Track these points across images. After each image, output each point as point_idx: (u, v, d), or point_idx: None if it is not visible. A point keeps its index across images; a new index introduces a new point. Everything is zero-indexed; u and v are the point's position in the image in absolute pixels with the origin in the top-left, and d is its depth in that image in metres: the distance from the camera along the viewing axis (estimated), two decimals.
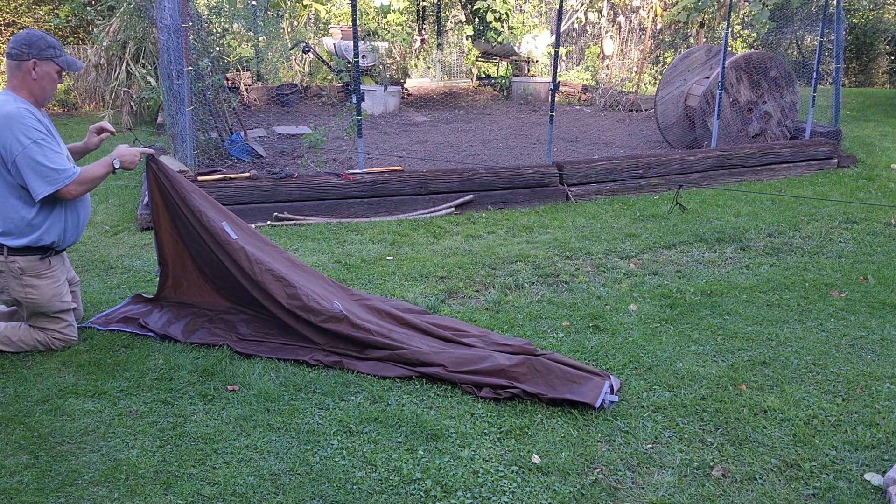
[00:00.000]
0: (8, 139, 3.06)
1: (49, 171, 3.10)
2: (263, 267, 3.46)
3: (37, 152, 3.07)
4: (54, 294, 3.28)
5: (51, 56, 3.17)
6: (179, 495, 2.34)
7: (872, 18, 16.02)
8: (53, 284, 3.28)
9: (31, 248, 3.20)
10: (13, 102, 3.11)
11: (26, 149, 3.06)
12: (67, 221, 3.28)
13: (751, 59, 7.57)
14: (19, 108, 3.09)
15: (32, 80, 3.16)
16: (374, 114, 10.69)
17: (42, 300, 3.24)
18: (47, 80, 3.19)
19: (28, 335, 3.29)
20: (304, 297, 3.38)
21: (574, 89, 12.94)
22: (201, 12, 8.02)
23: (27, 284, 3.21)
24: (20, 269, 3.19)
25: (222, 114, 7.29)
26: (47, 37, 3.19)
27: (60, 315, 3.31)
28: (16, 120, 3.06)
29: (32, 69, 3.14)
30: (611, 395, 2.91)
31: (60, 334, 3.32)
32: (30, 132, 3.07)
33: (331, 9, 14.07)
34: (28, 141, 3.06)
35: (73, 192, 3.19)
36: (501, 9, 12.48)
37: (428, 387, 3.05)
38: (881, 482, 2.37)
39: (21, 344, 3.28)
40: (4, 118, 3.06)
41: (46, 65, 3.16)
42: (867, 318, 3.76)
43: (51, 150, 3.12)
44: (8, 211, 3.16)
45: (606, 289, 4.22)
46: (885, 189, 6.67)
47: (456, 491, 2.36)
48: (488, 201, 6.16)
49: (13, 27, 12.09)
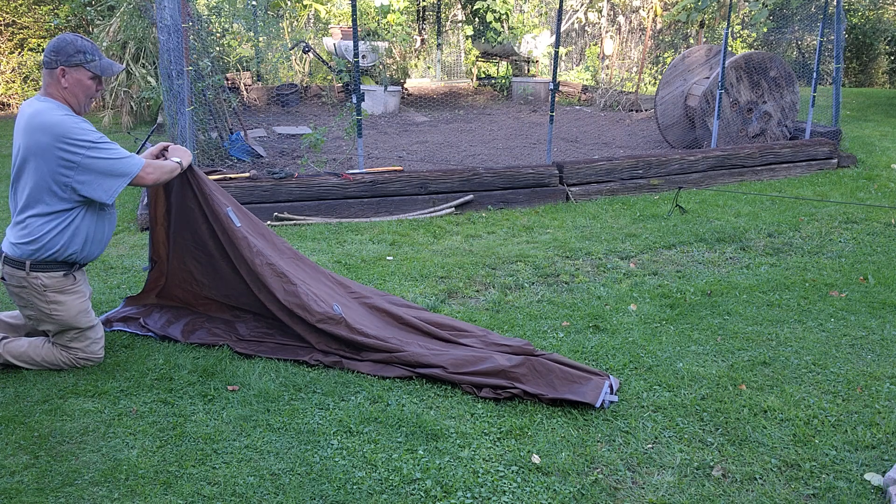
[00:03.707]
0: (63, 150, 2.90)
1: (118, 162, 2.98)
2: (265, 260, 3.40)
3: (99, 151, 2.95)
4: (80, 310, 3.13)
5: (80, 62, 2.98)
6: (179, 495, 2.34)
7: (872, 18, 16.03)
8: (79, 300, 3.13)
9: (53, 263, 3.04)
10: (57, 111, 2.96)
11: (88, 151, 2.92)
12: (90, 234, 3.11)
13: (751, 59, 7.57)
14: (63, 117, 2.94)
15: (63, 88, 3.00)
16: (374, 114, 10.69)
17: (68, 316, 3.08)
18: (79, 87, 3.01)
19: (52, 354, 3.12)
20: (304, 296, 3.35)
21: (574, 89, 12.95)
22: (201, 12, 8.02)
23: (52, 301, 3.05)
24: (43, 286, 3.03)
25: (222, 114, 7.28)
26: (79, 41, 3.01)
27: (86, 332, 3.15)
28: (63, 128, 2.90)
29: (62, 77, 2.98)
30: (610, 395, 2.91)
31: (85, 353, 3.15)
32: (84, 134, 2.93)
33: (331, 9, 14.07)
34: (88, 143, 2.93)
35: (148, 178, 3.07)
36: (501, 9, 12.48)
37: (428, 387, 3.05)
38: (881, 482, 2.38)
39: (44, 363, 3.12)
40: (50, 129, 2.90)
41: (76, 71, 2.99)
42: (867, 318, 3.76)
43: (112, 146, 3.00)
44: (31, 222, 3.00)
45: (606, 289, 4.22)
46: (885, 189, 6.67)
47: (456, 491, 2.36)
48: (488, 201, 6.16)
49: (13, 27, 12.09)
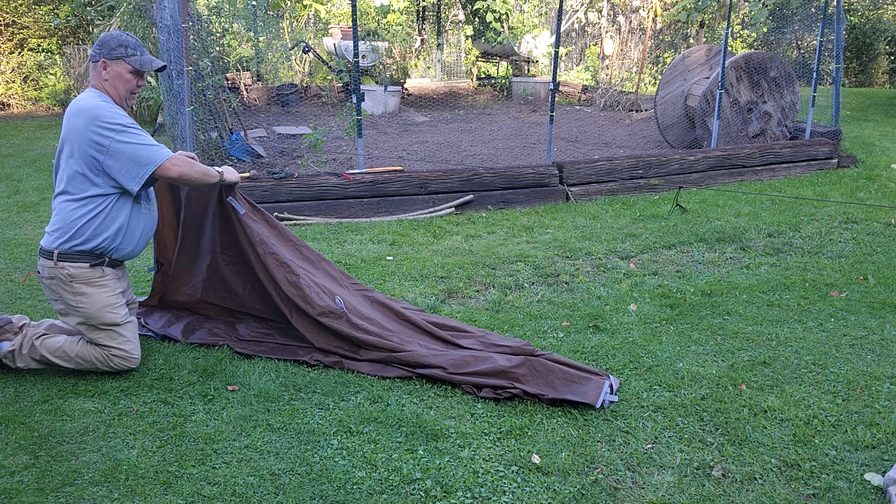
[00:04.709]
0: (94, 133, 2.95)
1: (145, 148, 3.00)
2: (267, 249, 3.38)
3: (128, 136, 2.98)
4: (106, 304, 3.07)
5: (121, 55, 3.06)
6: (179, 495, 2.34)
7: (872, 18, 16.03)
8: (106, 294, 3.08)
9: (81, 253, 3.03)
10: (95, 98, 3.04)
11: (118, 134, 2.97)
12: (123, 225, 3.08)
13: (751, 59, 7.57)
14: (99, 102, 3.02)
15: (104, 80, 3.08)
16: (374, 114, 10.69)
17: (92, 309, 3.04)
18: (119, 80, 3.08)
19: (86, 352, 3.08)
20: (306, 287, 3.32)
21: (574, 89, 12.95)
22: (201, 12, 8.02)
23: (78, 292, 3.03)
24: (70, 276, 3.01)
25: (222, 114, 7.28)
26: (122, 36, 3.09)
27: (116, 329, 3.09)
28: (97, 111, 2.97)
29: (103, 69, 3.06)
30: (611, 395, 2.91)
31: (119, 350, 3.08)
32: (116, 118, 2.99)
33: (331, 9, 14.08)
34: (119, 126, 2.97)
35: (172, 170, 3.05)
36: (501, 9, 12.49)
37: (428, 387, 3.05)
38: (881, 482, 2.37)
39: (79, 360, 3.08)
40: (85, 112, 2.98)
41: (117, 64, 3.06)
42: (867, 318, 3.76)
43: (141, 133, 3.04)
44: (63, 206, 3.03)
45: (606, 289, 4.22)
46: (885, 189, 6.67)
47: (456, 491, 2.36)
48: (488, 201, 6.16)
49: (13, 27, 12.09)
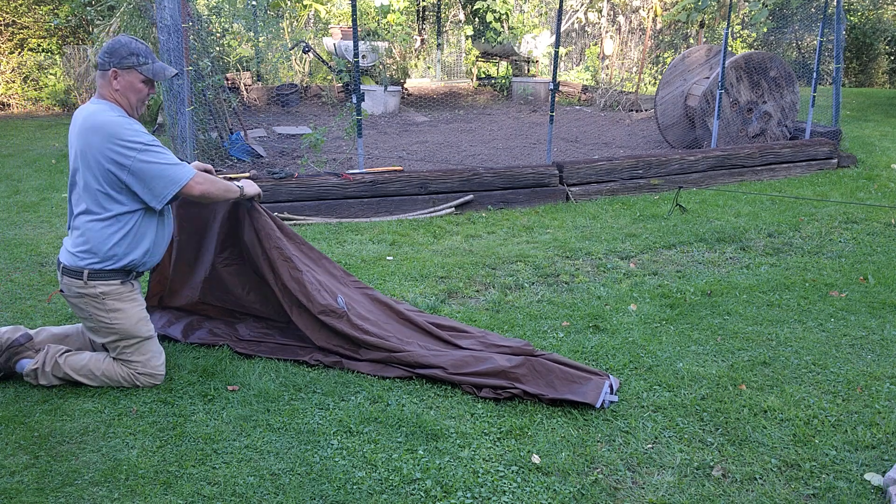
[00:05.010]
0: (114, 152, 2.83)
1: (169, 167, 2.90)
2: (273, 243, 3.35)
3: (150, 155, 2.87)
4: (140, 317, 3.03)
5: (132, 65, 2.92)
6: (179, 495, 2.34)
7: (872, 18, 16.03)
8: (138, 307, 3.04)
9: (113, 272, 2.96)
10: (108, 112, 2.90)
11: (140, 154, 2.85)
12: (152, 241, 3.03)
13: (751, 59, 7.57)
14: (115, 117, 2.88)
15: (115, 90, 2.93)
16: (374, 114, 10.69)
17: (129, 324, 2.99)
18: (130, 90, 2.95)
19: (112, 370, 3.02)
20: (308, 284, 3.31)
21: (574, 89, 12.95)
22: (201, 12, 8.02)
23: (112, 309, 2.96)
24: (102, 294, 2.94)
25: (222, 114, 7.29)
26: (133, 43, 2.94)
27: (146, 343, 3.05)
28: (115, 129, 2.84)
29: (114, 79, 2.92)
30: (611, 395, 2.91)
31: (145, 368, 3.03)
32: (136, 136, 2.86)
33: (331, 9, 14.08)
34: (140, 145, 2.85)
35: (196, 189, 2.96)
36: (501, 9, 12.49)
37: (428, 387, 3.05)
38: (881, 482, 2.38)
39: (105, 379, 3.02)
40: (101, 129, 2.84)
41: (128, 74, 2.92)
42: (867, 318, 3.76)
43: (164, 151, 2.93)
44: (89, 227, 2.92)
45: (606, 289, 4.22)
46: (885, 189, 6.67)
47: (456, 491, 2.36)
48: (488, 201, 6.16)
49: (13, 27, 12.09)
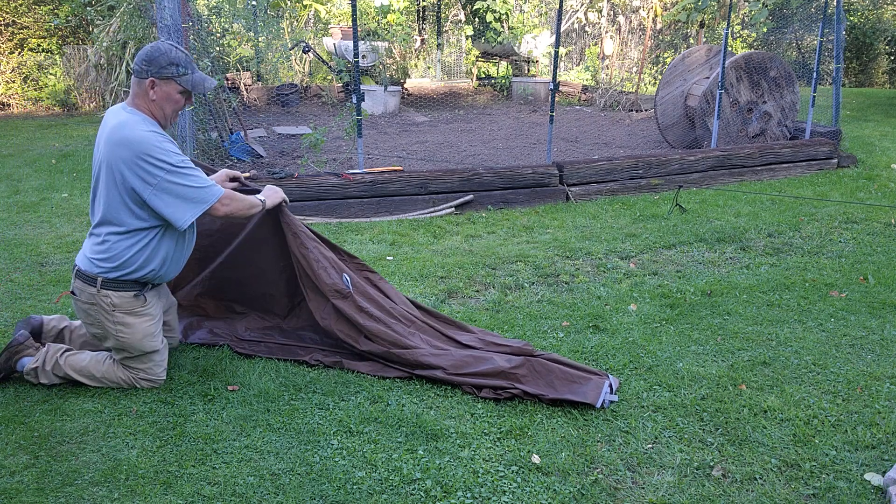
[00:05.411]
0: (141, 169, 2.74)
1: (196, 190, 2.81)
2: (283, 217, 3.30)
3: (179, 177, 2.77)
4: (147, 333, 2.96)
5: (171, 75, 2.81)
6: (179, 495, 2.34)
7: (872, 18, 16.03)
8: (147, 323, 2.97)
9: (126, 282, 2.90)
10: (141, 125, 2.79)
11: (168, 174, 2.75)
12: (169, 255, 2.96)
13: (751, 59, 7.57)
14: (146, 132, 2.77)
15: (151, 100, 2.83)
16: (374, 114, 10.70)
17: (133, 340, 2.93)
18: (167, 101, 2.85)
19: (112, 372, 3.00)
20: (314, 262, 3.27)
21: (574, 89, 12.95)
22: (201, 12, 8.02)
23: (119, 321, 2.91)
24: (112, 305, 2.89)
25: (222, 114, 7.29)
26: (173, 52, 2.83)
27: (151, 355, 3.00)
28: (146, 146, 2.74)
29: (151, 89, 2.82)
30: (610, 394, 2.91)
31: (147, 374, 3.01)
32: (167, 156, 2.76)
33: (331, 9, 14.09)
34: (168, 166, 2.76)
35: (221, 210, 2.88)
36: (501, 9, 12.49)
37: (428, 387, 3.05)
38: (881, 482, 2.38)
39: (104, 380, 3.00)
40: (132, 145, 2.74)
41: (167, 84, 2.82)
42: (867, 318, 3.76)
43: (193, 172, 2.82)
44: (109, 238, 2.86)
45: (606, 289, 4.22)
46: (885, 189, 6.67)
47: (456, 491, 2.36)
48: (488, 201, 6.16)
49: (13, 27, 12.09)
